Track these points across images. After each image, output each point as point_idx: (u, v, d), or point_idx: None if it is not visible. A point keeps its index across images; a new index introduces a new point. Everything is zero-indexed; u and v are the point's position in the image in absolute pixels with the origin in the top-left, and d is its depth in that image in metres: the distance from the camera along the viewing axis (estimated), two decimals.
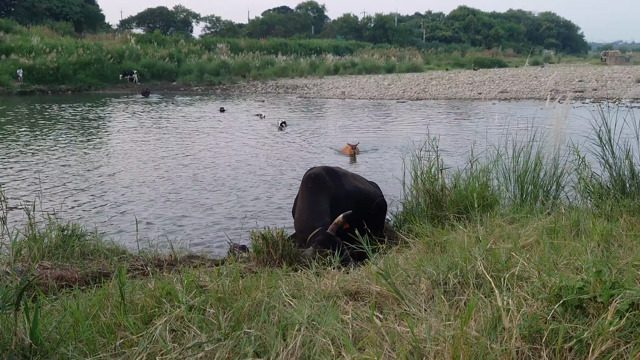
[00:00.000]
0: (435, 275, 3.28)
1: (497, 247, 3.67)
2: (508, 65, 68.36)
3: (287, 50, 58.67)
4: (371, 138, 16.97)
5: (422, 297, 3.11)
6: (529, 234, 4.19)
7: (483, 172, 6.29)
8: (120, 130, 19.43)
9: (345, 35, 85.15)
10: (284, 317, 2.83)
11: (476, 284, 3.14)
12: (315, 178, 5.58)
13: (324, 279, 3.50)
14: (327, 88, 37.73)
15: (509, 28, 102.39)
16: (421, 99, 30.52)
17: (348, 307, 2.98)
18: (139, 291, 3.31)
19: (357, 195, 5.73)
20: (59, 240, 4.94)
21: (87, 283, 4.27)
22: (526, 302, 2.68)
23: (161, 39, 53.45)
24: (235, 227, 8.33)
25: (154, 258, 4.80)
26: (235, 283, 3.29)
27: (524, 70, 48.39)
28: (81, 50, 40.22)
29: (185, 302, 2.86)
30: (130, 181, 11.40)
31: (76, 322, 2.71)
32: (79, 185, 11.06)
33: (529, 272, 3.13)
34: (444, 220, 5.55)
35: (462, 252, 3.55)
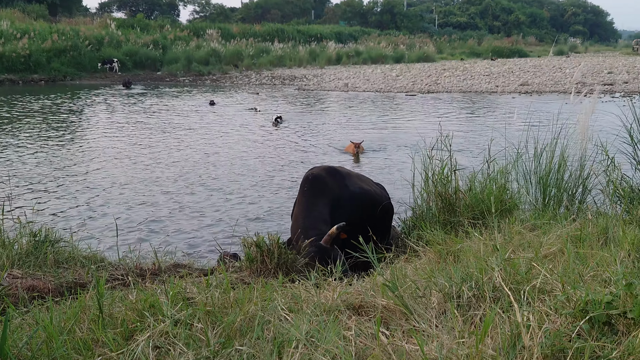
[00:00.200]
0: (447, 287, 3.29)
1: (517, 257, 3.67)
2: (529, 55, 68.43)
3: (284, 37, 58.68)
4: (377, 135, 16.97)
5: (432, 311, 3.11)
6: (551, 243, 4.20)
7: (501, 174, 6.29)
8: (99, 125, 19.43)
9: (349, 20, 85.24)
10: (279, 333, 2.84)
11: (493, 297, 3.14)
12: (313, 180, 5.58)
13: (324, 291, 3.51)
14: (328, 79, 37.76)
15: (530, 14, 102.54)
16: (433, 92, 30.54)
17: (351, 323, 2.98)
18: (119, 303, 3.31)
19: (363, 197, 5.73)
20: (30, 247, 4.94)
21: (62, 294, 4.28)
22: (548, 317, 2.69)
23: (144, 24, 53.45)
24: (225, 233, 8.34)
25: (135, 267, 4.80)
26: (226, 295, 3.30)
27: (547, 61, 48.44)
28: (56, 36, 40.16)
29: (171, 316, 2.86)
30: (110, 182, 11.40)
31: (49, 337, 2.71)
32: (53, 186, 11.07)
33: (551, 284, 3.13)
34: (457, 226, 5.56)
35: (478, 262, 3.55)
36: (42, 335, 2.77)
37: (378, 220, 5.85)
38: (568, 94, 26.61)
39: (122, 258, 5.38)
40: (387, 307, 3.21)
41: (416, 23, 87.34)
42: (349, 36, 67.90)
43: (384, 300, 3.25)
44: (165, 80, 40.04)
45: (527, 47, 77.14)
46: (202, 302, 3.14)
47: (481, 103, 25.75)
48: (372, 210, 5.75)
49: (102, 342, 2.78)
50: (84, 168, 12.67)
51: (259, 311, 3.07)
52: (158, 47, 46.55)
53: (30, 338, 2.63)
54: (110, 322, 3.00)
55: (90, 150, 14.89)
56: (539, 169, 6.57)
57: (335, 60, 53.05)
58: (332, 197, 5.47)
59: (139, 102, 25.97)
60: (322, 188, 5.51)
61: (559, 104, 7.87)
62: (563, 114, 7.26)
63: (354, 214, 5.52)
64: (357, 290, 3.52)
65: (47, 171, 12.31)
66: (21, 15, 50.50)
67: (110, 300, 3.31)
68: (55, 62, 38.75)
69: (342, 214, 5.42)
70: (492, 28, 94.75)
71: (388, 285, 3.21)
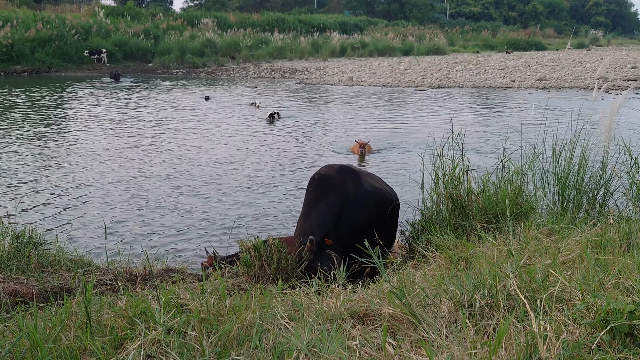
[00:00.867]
0: (458, 295, 3.29)
1: (533, 263, 3.68)
2: (547, 47, 68.36)
3: (285, 27, 58.71)
4: (384, 134, 17.00)
5: (443, 321, 3.12)
6: (570, 248, 4.21)
7: (517, 175, 6.30)
8: (85, 120, 19.46)
9: (354, 10, 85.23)
10: (279, 342, 2.85)
11: (507, 306, 3.15)
12: (318, 180, 5.60)
13: (327, 299, 3.52)
14: (331, 72, 37.79)
15: (549, 4, 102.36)
16: (444, 87, 30.56)
17: (355, 332, 2.99)
18: (108, 310, 3.32)
19: (376, 197, 5.75)
20: (12, 249, 4.96)
21: (47, 299, 4.29)
22: (567, 327, 2.70)
23: (135, 12, 53.51)
24: (219, 235, 8.38)
25: (125, 271, 4.82)
26: (222, 302, 3.31)
27: (566, 54, 48.41)
28: (40, 25, 40.19)
29: (163, 323, 2.88)
30: (97, 181, 11.43)
31: (34, 345, 2.72)
32: (37, 185, 11.10)
33: (570, 292, 3.14)
34: (469, 230, 5.56)
35: (491, 269, 3.56)
36: (26, 342, 2.78)
37: (388, 220, 5.87)
38: (589, 90, 26.66)
39: (110, 262, 5.40)
40: (394, 315, 3.22)
41: (426, 13, 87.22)
42: (354, 27, 67.89)
43: (391, 308, 3.26)
44: (157, 73, 40.11)
45: (545, 39, 77.04)
46: (197, 309, 3.16)
47: (496, 99, 25.76)
48: (384, 210, 5.77)
49: (90, 351, 2.79)
50: (68, 166, 12.70)
51: (257, 319, 3.08)
52: (149, 37, 46.56)
53: (14, 346, 2.64)
54: (98, 330, 3.02)
55: (75, 147, 14.92)
56: (557, 170, 6.57)
57: (339, 53, 53.07)
58: (342, 197, 5.47)
59: (129, 97, 26.00)
60: (328, 188, 5.52)
61: (580, 101, 7.87)
62: (584, 111, 7.26)
63: (367, 214, 5.54)
64: (362, 297, 3.53)
65: (29, 169, 12.34)
66: (3, 2, 50.61)
67: (98, 306, 3.32)
68: (40, 53, 38.78)
69: (356, 213, 5.45)
70: (508, 19, 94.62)
71: (395, 293, 3.22)
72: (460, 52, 60.50)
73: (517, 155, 6.89)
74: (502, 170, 6.42)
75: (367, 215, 5.57)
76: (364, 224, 5.51)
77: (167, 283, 4.15)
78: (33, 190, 10.70)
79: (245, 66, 43.75)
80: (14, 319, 3.37)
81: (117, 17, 50.07)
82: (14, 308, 3.88)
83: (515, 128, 8.72)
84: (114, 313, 3.20)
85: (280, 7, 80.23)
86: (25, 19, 41.47)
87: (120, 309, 3.24)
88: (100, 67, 40.55)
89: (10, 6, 49.47)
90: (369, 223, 5.54)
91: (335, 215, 5.43)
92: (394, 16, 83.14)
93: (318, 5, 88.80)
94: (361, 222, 5.51)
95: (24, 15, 42.45)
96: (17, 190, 10.71)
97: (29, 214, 9.29)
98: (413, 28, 70.21)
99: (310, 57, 50.68)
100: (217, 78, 37.37)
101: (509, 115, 19.91)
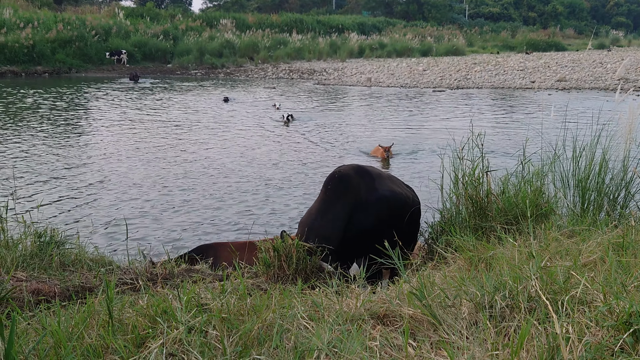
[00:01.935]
0: (479, 296, 3.28)
1: (554, 265, 3.66)
2: (567, 48, 67.92)
3: (303, 27, 58.82)
4: (404, 136, 16.94)
5: (463, 322, 3.11)
6: (591, 250, 4.18)
7: (537, 176, 6.26)
8: (105, 121, 19.60)
9: (373, 10, 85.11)
10: (299, 342, 2.85)
11: (528, 307, 3.14)
12: (338, 179, 5.57)
13: (347, 299, 3.52)
14: (349, 73, 37.79)
15: (569, 4, 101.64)
16: (462, 88, 30.46)
17: (375, 333, 2.99)
18: (129, 309, 3.35)
19: (393, 201, 5.69)
20: (35, 248, 5.01)
21: (68, 298, 4.33)
22: (589, 330, 2.68)
23: (154, 14, 53.88)
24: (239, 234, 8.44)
25: (146, 271, 4.85)
26: (242, 301, 3.32)
27: (586, 55, 48.04)
28: (61, 26, 40.58)
29: (185, 322, 2.89)
30: (117, 182, 11.52)
31: (57, 343, 2.75)
32: (58, 185, 11.20)
33: (592, 294, 3.12)
34: (489, 231, 5.54)
35: (512, 270, 3.54)
36: (49, 341, 2.81)
37: (407, 225, 5.82)
38: (609, 91, 26.45)
39: (131, 261, 5.44)
40: (414, 316, 3.21)
41: (445, 13, 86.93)
42: (373, 27, 67.85)
43: (411, 309, 3.25)
44: (175, 74, 40.31)
45: (565, 40, 76.56)
46: (217, 308, 3.17)
47: (515, 100, 25.63)
48: (401, 214, 5.73)
49: (113, 349, 2.81)
50: (91, 168, 12.80)
51: (277, 319, 3.09)
52: (168, 38, 46.86)
53: (38, 344, 2.67)
54: (120, 328, 3.04)
55: (98, 148, 15.03)
56: (577, 171, 6.52)
57: (357, 53, 53.09)
58: (356, 199, 5.45)
59: (147, 98, 26.14)
60: (345, 189, 5.49)
61: (600, 102, 7.81)
62: (604, 112, 7.21)
63: (377, 219, 5.49)
64: (382, 298, 3.53)
65: (52, 170, 12.44)
66: (25, 3, 51.00)
67: (120, 305, 3.35)
68: (60, 54, 39.13)
69: (367, 217, 5.41)
70: (527, 19, 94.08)
71: (415, 294, 3.21)
72: (479, 52, 60.28)
73: (536, 156, 6.86)
74: (522, 172, 6.39)
75: (377, 220, 5.50)
76: (372, 229, 5.45)
77: (188, 282, 4.17)
78: (53, 190, 10.80)
79: (263, 67, 43.87)
80: (37, 317, 3.41)
81: (137, 18, 50.42)
82: (36, 306, 3.92)
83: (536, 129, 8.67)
84: (135, 312, 3.23)
85: (298, 8, 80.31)
86: (46, 20, 41.85)
87: (142, 307, 3.26)
88: (119, 67, 40.82)
89: (32, 7, 49.85)
90: (378, 228, 5.48)
91: (345, 219, 5.39)
92: (412, 17, 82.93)
93: (336, 6, 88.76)
94: (369, 227, 5.45)
95: (44, 17, 42.82)
96: (38, 190, 10.81)
97: (48, 213, 9.38)
98: (431, 29, 70.07)
99: (329, 57, 50.73)
100: (236, 79, 37.50)
101: (529, 117, 19.79)
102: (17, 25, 39.58)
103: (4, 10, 42.05)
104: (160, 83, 33.49)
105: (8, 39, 37.48)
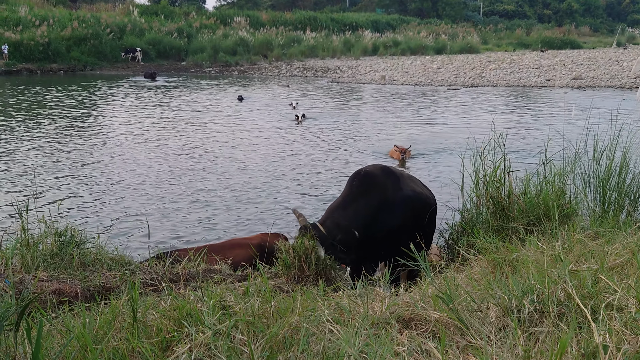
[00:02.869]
0: (506, 300, 3.23)
1: (580, 269, 3.60)
2: (583, 46, 67.51)
3: (317, 25, 58.79)
4: (419, 135, 16.82)
5: (491, 326, 3.06)
6: (618, 253, 4.11)
7: (559, 176, 6.19)
8: (123, 120, 19.65)
9: (387, 8, 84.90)
10: (326, 346, 2.82)
11: (557, 312, 3.08)
12: (364, 176, 5.56)
13: (372, 302, 3.48)
14: (363, 71, 37.74)
15: (584, 1, 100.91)
16: (477, 86, 30.32)
17: (402, 338, 2.95)
18: (153, 311, 3.32)
19: (417, 201, 5.69)
20: (55, 248, 4.99)
21: (89, 298, 4.32)
22: (624, 337, 2.62)
23: (169, 11, 54.02)
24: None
25: (168, 272, 4.82)
26: (267, 304, 3.29)
27: (602, 53, 47.73)
28: (76, 24, 40.76)
29: (212, 327, 2.86)
30: (137, 181, 11.55)
31: (83, 347, 2.73)
32: (75, 183, 11.23)
33: (623, 299, 3.06)
34: (510, 233, 5.48)
35: (540, 274, 3.49)
36: (74, 344, 2.79)
37: (427, 225, 5.81)
38: (625, 89, 26.23)
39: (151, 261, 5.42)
40: (439, 320, 3.17)
41: (459, 11, 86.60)
42: (387, 25, 67.71)
43: (437, 313, 3.21)
44: (190, 71, 40.39)
45: (580, 37, 76.09)
46: (243, 311, 3.14)
47: (531, 98, 25.47)
48: (423, 214, 5.71)
49: (138, 353, 2.78)
50: (109, 167, 12.83)
51: (303, 323, 3.05)
52: (183, 36, 46.96)
53: (65, 347, 2.64)
54: (144, 331, 3.01)
55: (114, 147, 15.06)
56: (598, 172, 6.45)
57: (371, 51, 53.02)
58: (381, 198, 5.44)
59: (164, 96, 26.20)
60: (370, 187, 5.48)
61: (617, 100, 7.75)
62: (622, 111, 7.13)
63: (402, 219, 5.49)
64: (406, 301, 3.48)
65: (70, 168, 12.47)
66: (40, 1, 51.29)
67: (143, 307, 3.32)
68: (75, 51, 39.30)
69: (393, 217, 5.41)
70: (542, 17, 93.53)
71: (442, 297, 3.17)
72: (493, 50, 60.06)
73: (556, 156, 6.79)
74: (544, 172, 6.32)
75: (402, 220, 5.52)
76: (397, 228, 5.47)
77: (210, 284, 4.15)
78: (71, 188, 10.83)
79: (277, 65, 43.88)
80: (60, 319, 3.39)
81: (151, 15, 50.57)
82: (59, 307, 3.90)
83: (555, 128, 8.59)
84: (159, 314, 3.20)
85: (312, 5, 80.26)
86: (62, 17, 42.08)
87: (166, 310, 3.23)
88: (134, 65, 40.96)
89: (47, 5, 50.14)
90: (403, 228, 5.50)
91: (367, 217, 5.39)
92: (426, 14, 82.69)
93: (350, 4, 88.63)
94: (395, 226, 5.47)
95: (60, 14, 43.07)
96: (56, 188, 10.85)
97: (66, 211, 9.40)
98: (446, 26, 69.84)
99: (343, 55, 50.68)
100: (250, 77, 37.52)
101: (547, 115, 19.64)
102: (33, 23, 39.82)
103: (20, 7, 42.35)
104: (176, 81, 33.52)
105: (24, 36, 37.72)
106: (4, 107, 21.66)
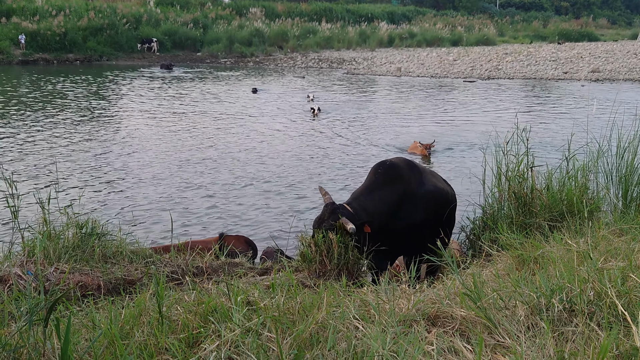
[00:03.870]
0: (534, 299, 3.18)
1: (607, 266, 3.55)
2: (600, 38, 66.89)
3: (333, 16, 58.58)
4: (438, 128, 16.69)
5: (519, 325, 3.02)
6: None
7: (582, 172, 6.13)
8: (139, 111, 19.64)
9: None
10: (354, 344, 2.78)
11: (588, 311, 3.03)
12: (389, 166, 5.53)
13: (398, 299, 3.44)
14: (379, 63, 37.59)
15: None
16: (493, 78, 30.13)
17: (431, 336, 2.91)
18: (177, 305, 3.30)
19: (438, 196, 5.66)
20: (76, 240, 5.00)
21: (111, 291, 4.33)
22: None
23: (184, 2, 53.95)
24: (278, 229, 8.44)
25: (192, 265, 4.81)
26: (292, 300, 3.26)
27: (620, 45, 47.25)
28: (92, 14, 40.85)
29: (240, 324, 2.84)
30: (154, 172, 11.55)
31: (111, 342, 2.71)
32: (95, 176, 11.24)
33: None
34: (534, 228, 5.42)
35: (568, 272, 3.44)
36: (101, 339, 2.77)
37: (446, 219, 5.77)
38: None
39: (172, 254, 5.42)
40: (466, 318, 3.13)
41: (475, 3, 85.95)
42: (402, 16, 67.38)
43: (464, 310, 3.17)
44: (205, 62, 40.40)
45: (598, 30, 75.34)
46: (269, 307, 3.12)
47: (549, 91, 25.28)
48: (443, 210, 5.67)
49: (165, 349, 2.77)
50: (127, 158, 12.84)
51: (329, 320, 3.02)
52: (198, 27, 46.96)
53: (93, 342, 2.63)
54: (170, 327, 2.99)
55: (132, 138, 15.06)
56: (620, 167, 6.38)
57: (387, 43, 52.81)
58: (404, 190, 5.40)
59: (180, 87, 26.20)
60: (394, 178, 5.45)
61: (635, 93, 7.65)
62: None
63: (424, 213, 5.46)
64: (431, 298, 3.44)
65: (89, 160, 12.49)
66: None
67: (168, 302, 3.30)
68: (92, 41, 39.39)
69: (416, 210, 5.38)
70: (559, 9, 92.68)
71: (469, 295, 3.13)
72: (510, 42, 59.64)
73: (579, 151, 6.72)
74: (567, 167, 6.25)
75: (425, 214, 5.49)
76: (420, 222, 5.45)
77: (233, 277, 4.13)
78: (91, 181, 10.86)
79: (292, 56, 43.82)
80: (85, 312, 3.39)
81: (167, 6, 50.57)
82: (82, 300, 3.90)
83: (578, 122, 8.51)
84: (184, 309, 3.18)
85: None
86: (78, 8, 42.17)
87: (191, 305, 3.22)
88: (150, 56, 41.03)
89: None
90: (425, 223, 5.47)
91: (392, 205, 5.36)
92: (442, 6, 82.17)
93: None
94: (417, 220, 5.44)
95: (76, 5, 43.15)
96: (76, 180, 10.88)
97: (89, 205, 9.42)
98: (462, 18, 69.43)
99: (358, 47, 50.52)
100: (265, 68, 37.48)
101: (566, 109, 19.47)
102: (50, 13, 39.95)
103: None
104: (192, 72, 33.49)
105: (40, 26, 37.87)
106: (21, 97, 21.77)
